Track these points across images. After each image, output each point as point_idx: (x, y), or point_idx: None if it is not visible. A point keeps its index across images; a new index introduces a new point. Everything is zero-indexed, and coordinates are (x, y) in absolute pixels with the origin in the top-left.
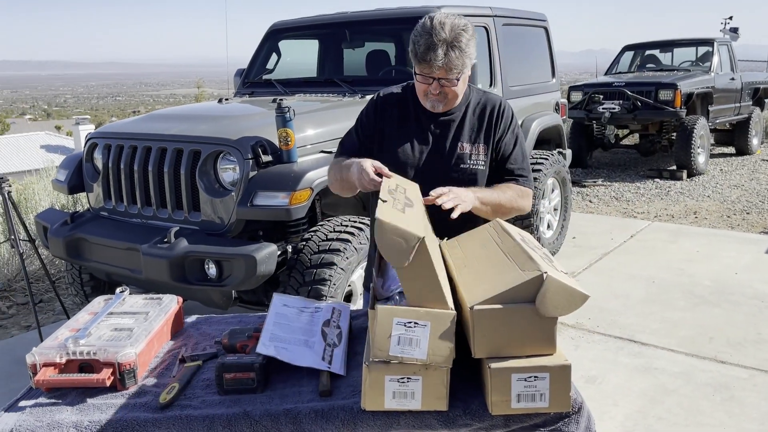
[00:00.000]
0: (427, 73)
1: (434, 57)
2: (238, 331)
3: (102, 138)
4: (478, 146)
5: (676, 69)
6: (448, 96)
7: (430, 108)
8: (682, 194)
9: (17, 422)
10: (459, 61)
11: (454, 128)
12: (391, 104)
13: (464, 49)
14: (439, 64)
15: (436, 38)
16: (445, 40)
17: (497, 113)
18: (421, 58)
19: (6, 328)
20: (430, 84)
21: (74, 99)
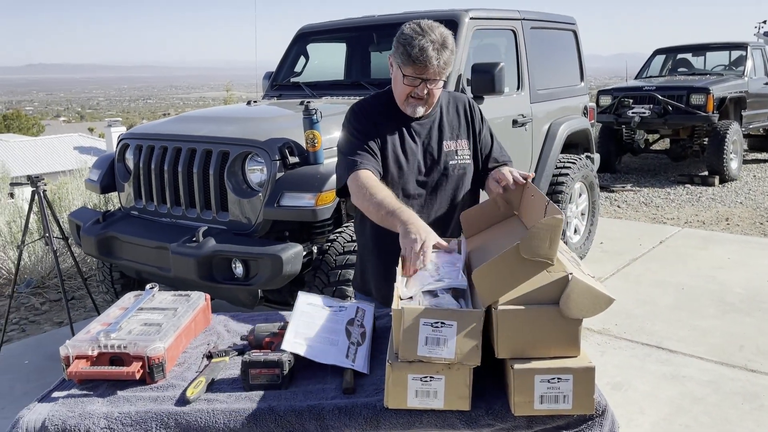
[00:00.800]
0: (418, 74)
1: (429, 57)
2: (264, 328)
3: (133, 139)
4: (461, 142)
5: (709, 73)
6: (432, 98)
7: (410, 113)
8: (714, 200)
9: (50, 412)
10: (450, 62)
11: (436, 129)
12: (372, 114)
13: (451, 49)
14: (434, 65)
15: (429, 39)
16: (438, 41)
17: (470, 109)
18: (416, 58)
19: (39, 323)
20: (417, 86)
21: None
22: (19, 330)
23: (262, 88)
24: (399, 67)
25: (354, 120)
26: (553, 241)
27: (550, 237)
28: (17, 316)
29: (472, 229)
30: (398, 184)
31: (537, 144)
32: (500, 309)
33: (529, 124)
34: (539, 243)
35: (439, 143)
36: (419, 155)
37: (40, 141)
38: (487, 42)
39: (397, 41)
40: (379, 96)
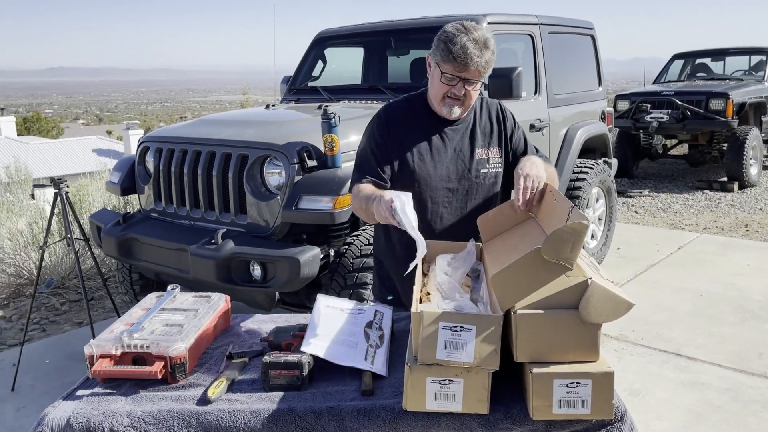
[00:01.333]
0: (456, 72)
1: (470, 55)
2: (284, 329)
3: (154, 142)
4: (493, 150)
5: (728, 78)
6: (469, 100)
7: (446, 113)
8: (733, 206)
9: (75, 410)
10: (491, 63)
11: (468, 135)
12: (399, 118)
13: (493, 51)
14: (475, 62)
15: (472, 38)
16: (481, 41)
17: (502, 115)
18: (457, 55)
19: (59, 324)
20: (454, 85)
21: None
22: (39, 330)
23: (280, 92)
24: (438, 64)
25: (376, 128)
26: (576, 246)
27: (573, 241)
28: (38, 316)
29: (489, 233)
30: (426, 189)
31: (554, 149)
32: (519, 313)
33: (547, 128)
34: (562, 246)
35: (471, 150)
36: (450, 161)
37: (60, 143)
38: (505, 47)
39: (438, 39)
40: (412, 98)
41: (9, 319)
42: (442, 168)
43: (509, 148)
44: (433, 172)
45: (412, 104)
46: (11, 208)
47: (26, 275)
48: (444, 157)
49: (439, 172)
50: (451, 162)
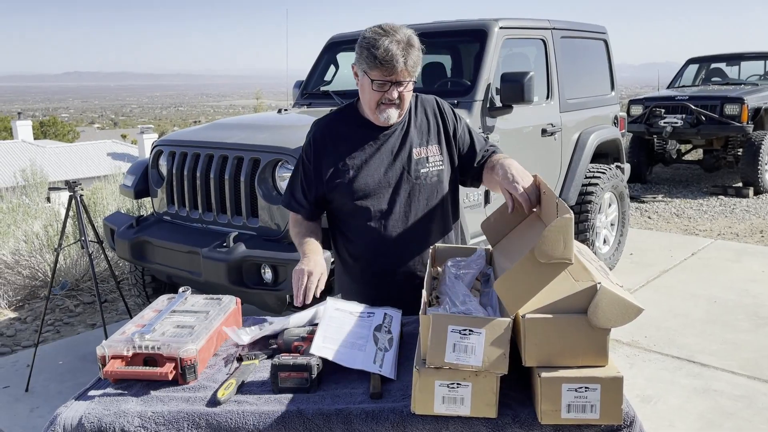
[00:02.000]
0: (385, 77)
1: (395, 57)
2: (293, 332)
3: (167, 146)
4: (432, 147)
5: (743, 83)
6: (404, 102)
7: (383, 120)
8: (748, 212)
9: (86, 410)
10: (418, 61)
11: (401, 136)
12: (328, 136)
13: (418, 49)
14: (401, 64)
15: (395, 39)
16: (404, 41)
17: (440, 111)
18: (382, 59)
19: (73, 325)
20: (387, 90)
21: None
22: (54, 331)
23: (292, 96)
24: (365, 73)
25: (305, 151)
26: (567, 241)
27: (563, 237)
28: (52, 318)
29: (495, 236)
30: (367, 199)
31: (566, 153)
32: (528, 317)
33: (559, 133)
34: (553, 245)
35: (408, 151)
36: (387, 166)
37: (75, 147)
38: (517, 51)
39: (359, 46)
40: (343, 110)
41: (24, 321)
42: (379, 175)
43: (453, 143)
44: (370, 181)
45: (343, 117)
46: (27, 210)
47: (41, 277)
48: (380, 163)
49: (376, 179)
50: (389, 167)
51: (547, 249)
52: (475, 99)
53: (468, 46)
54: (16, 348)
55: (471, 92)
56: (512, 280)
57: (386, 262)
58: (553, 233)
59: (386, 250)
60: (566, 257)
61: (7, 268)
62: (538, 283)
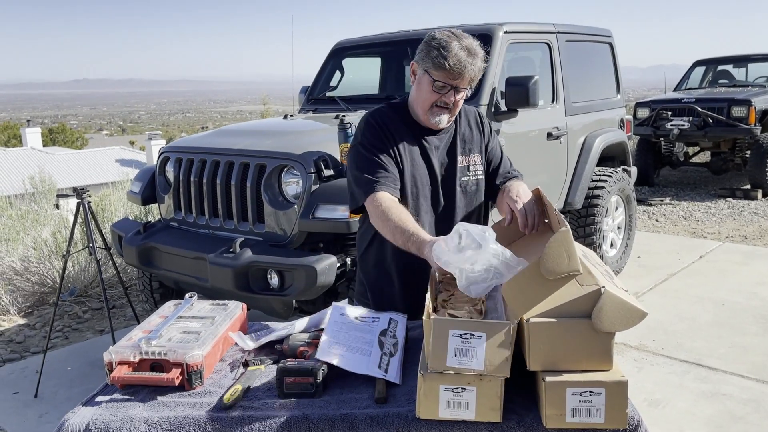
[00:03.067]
0: (449, 80)
1: (464, 63)
2: (298, 337)
3: (174, 152)
4: (474, 157)
5: (751, 85)
6: (456, 108)
7: (434, 123)
8: (757, 214)
9: (94, 416)
10: (481, 71)
11: (449, 143)
12: (388, 124)
13: (483, 60)
14: (468, 70)
15: (464, 45)
16: (472, 48)
17: (481, 121)
18: (453, 63)
19: (81, 331)
20: (445, 93)
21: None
22: (62, 337)
23: (298, 102)
24: (427, 72)
25: (369, 133)
26: (570, 253)
27: (564, 250)
28: (61, 324)
29: (505, 239)
30: (411, 199)
31: (572, 157)
32: (532, 321)
33: (564, 136)
34: (557, 260)
35: (453, 158)
36: (433, 169)
37: (84, 154)
38: (522, 55)
39: (428, 45)
40: (396, 106)
41: (33, 327)
42: (423, 176)
43: (485, 156)
44: (419, 180)
45: (396, 111)
46: (36, 217)
47: (50, 284)
48: (426, 165)
49: (421, 179)
50: (434, 170)
51: (551, 265)
52: (480, 103)
53: None
54: (26, 354)
55: (476, 97)
56: (519, 285)
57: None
58: (554, 248)
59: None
60: (573, 270)
61: (16, 275)
62: (544, 291)
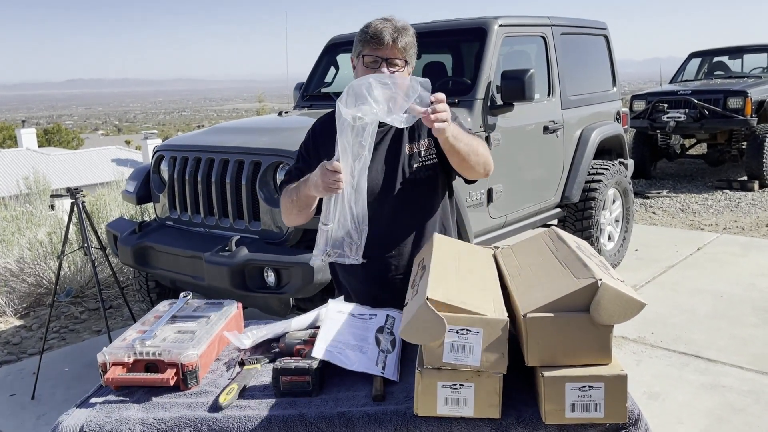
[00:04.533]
0: (375, 52)
1: (383, 33)
2: (295, 335)
3: (168, 150)
4: (423, 141)
5: (746, 76)
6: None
7: None
8: (754, 206)
9: (88, 417)
10: (410, 46)
11: (394, 131)
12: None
13: (412, 36)
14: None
15: (389, 23)
16: (397, 25)
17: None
18: (371, 34)
19: (78, 332)
20: (377, 67)
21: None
22: (59, 338)
23: (293, 98)
24: (359, 55)
25: (304, 144)
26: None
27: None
28: (57, 325)
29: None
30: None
31: (569, 150)
32: (530, 317)
33: (561, 130)
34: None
35: (399, 147)
36: (382, 163)
37: (80, 154)
38: (517, 49)
39: (357, 34)
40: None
41: (29, 328)
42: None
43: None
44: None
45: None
46: (31, 218)
47: (46, 284)
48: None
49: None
50: (383, 163)
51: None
52: (476, 98)
53: (468, 45)
54: (22, 356)
55: (472, 91)
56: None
57: (386, 257)
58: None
59: (386, 245)
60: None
61: (12, 276)
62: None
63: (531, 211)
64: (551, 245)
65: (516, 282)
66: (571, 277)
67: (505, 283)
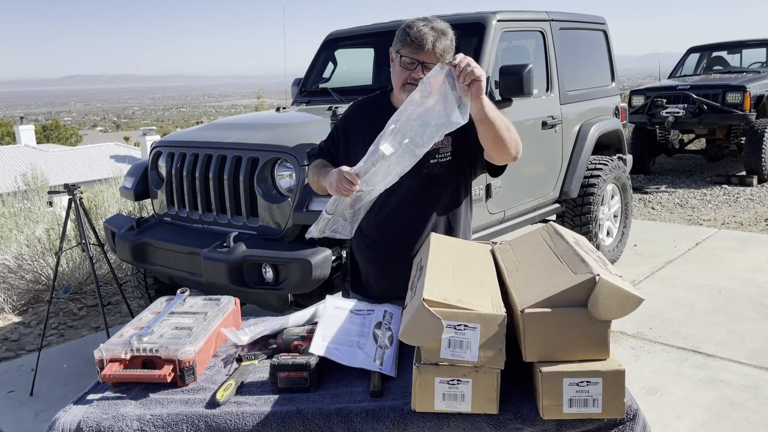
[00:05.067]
0: (413, 55)
1: (425, 37)
2: (292, 331)
3: (166, 147)
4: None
5: (745, 71)
6: None
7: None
8: (752, 201)
9: (85, 414)
10: (448, 50)
11: None
12: (357, 114)
13: (450, 39)
14: (430, 45)
15: (430, 26)
16: (438, 28)
17: None
18: (414, 37)
19: (77, 328)
20: (413, 69)
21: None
22: (57, 335)
23: (291, 94)
24: (397, 52)
25: (340, 121)
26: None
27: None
28: (56, 321)
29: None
30: None
31: (567, 146)
32: (527, 312)
33: (559, 125)
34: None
35: None
36: None
37: (78, 150)
38: (516, 44)
39: (399, 30)
40: (378, 94)
41: (28, 325)
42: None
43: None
44: None
45: (375, 99)
46: (29, 215)
47: (44, 281)
48: None
49: None
50: None
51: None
52: None
53: (466, 40)
54: (21, 352)
55: None
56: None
57: (391, 243)
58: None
59: (392, 232)
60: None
61: (10, 273)
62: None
63: (529, 206)
64: (549, 241)
65: (514, 277)
66: (568, 272)
67: (502, 278)
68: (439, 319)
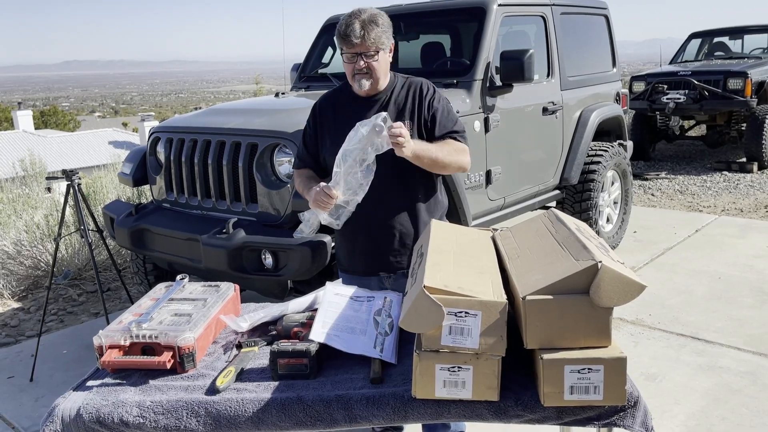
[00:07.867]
0: (350, 50)
1: (354, 32)
2: (292, 318)
3: (164, 132)
4: (405, 122)
5: (747, 57)
6: (372, 71)
7: (358, 89)
8: (752, 187)
9: (84, 400)
10: (380, 36)
11: (379, 108)
12: (327, 107)
13: (380, 26)
14: (359, 37)
15: (358, 18)
16: (367, 19)
17: (419, 90)
18: (343, 34)
19: (76, 314)
20: (355, 61)
21: (140, 96)
22: (57, 321)
23: (290, 80)
24: (340, 49)
25: (310, 115)
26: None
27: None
28: (56, 307)
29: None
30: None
31: (568, 132)
32: (529, 299)
33: (560, 111)
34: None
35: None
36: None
37: (76, 136)
38: (516, 29)
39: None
40: (344, 86)
41: (27, 311)
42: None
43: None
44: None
45: (342, 90)
46: (27, 201)
47: (43, 267)
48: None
49: None
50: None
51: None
52: (475, 78)
53: (466, 25)
54: (20, 338)
55: (470, 71)
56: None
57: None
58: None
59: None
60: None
61: (9, 259)
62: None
63: (530, 193)
64: (550, 227)
65: (515, 264)
66: (570, 259)
67: (504, 265)
68: (440, 306)
